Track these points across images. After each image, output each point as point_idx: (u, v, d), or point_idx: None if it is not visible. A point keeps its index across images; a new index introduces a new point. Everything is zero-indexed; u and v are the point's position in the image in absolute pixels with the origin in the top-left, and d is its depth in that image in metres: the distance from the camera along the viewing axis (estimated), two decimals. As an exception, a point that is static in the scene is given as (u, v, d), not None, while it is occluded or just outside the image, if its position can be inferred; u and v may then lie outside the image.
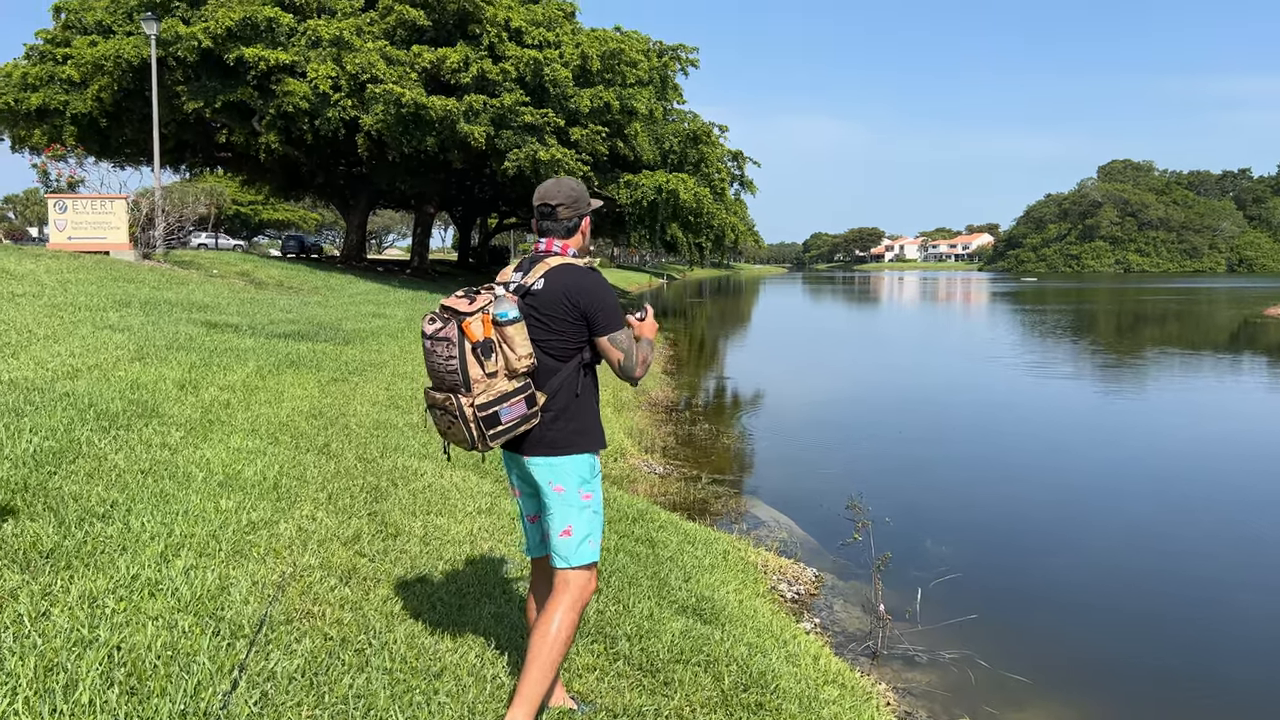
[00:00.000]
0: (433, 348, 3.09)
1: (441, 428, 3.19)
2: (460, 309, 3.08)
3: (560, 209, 3.27)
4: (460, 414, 3.06)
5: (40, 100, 27.31)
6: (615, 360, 3.20)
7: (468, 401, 3.05)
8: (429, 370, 3.15)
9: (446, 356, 3.05)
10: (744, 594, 6.01)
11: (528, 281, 3.23)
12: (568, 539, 3.20)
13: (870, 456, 12.77)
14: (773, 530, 8.85)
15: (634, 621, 4.60)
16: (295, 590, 4.07)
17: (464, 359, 3.04)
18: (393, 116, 25.72)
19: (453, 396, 3.07)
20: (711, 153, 33.12)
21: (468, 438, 3.08)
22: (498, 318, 3.08)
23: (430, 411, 3.22)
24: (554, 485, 3.20)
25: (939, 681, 5.89)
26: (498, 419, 3.07)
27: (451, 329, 3.05)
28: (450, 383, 3.08)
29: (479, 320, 3.06)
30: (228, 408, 7.74)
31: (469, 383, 3.05)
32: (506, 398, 3.08)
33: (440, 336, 3.07)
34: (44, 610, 3.38)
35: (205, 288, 18.25)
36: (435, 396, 3.15)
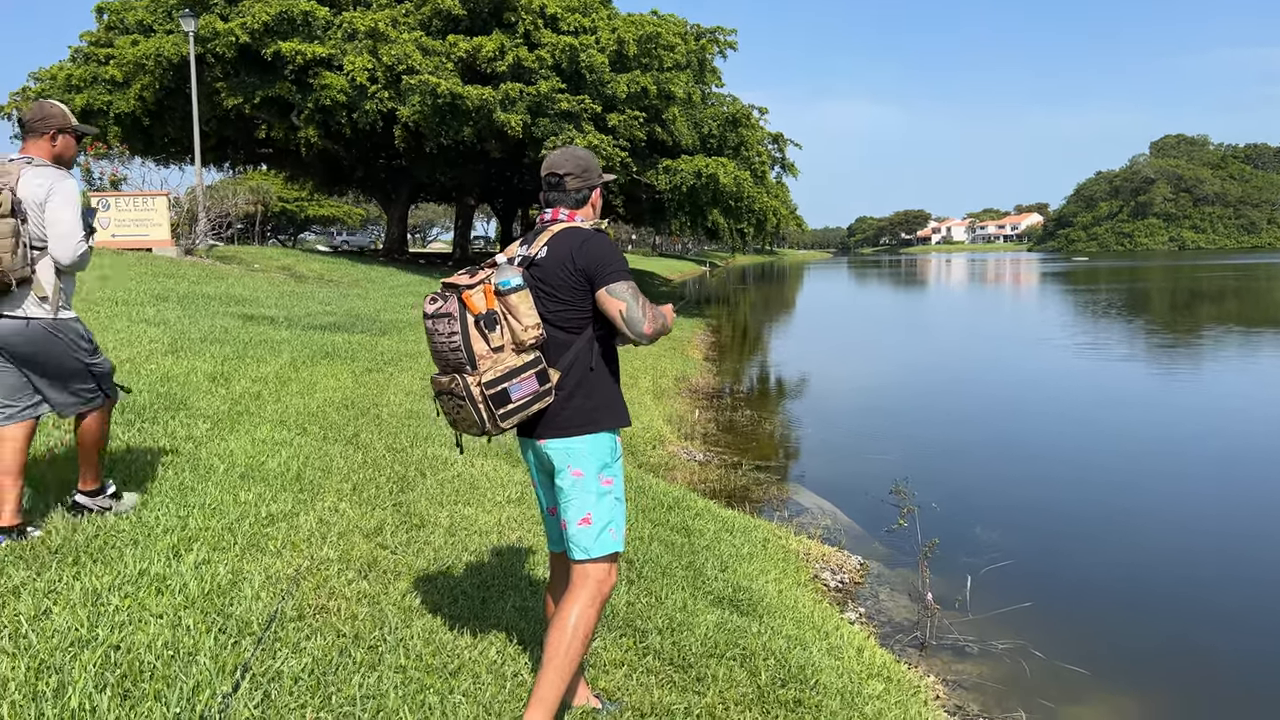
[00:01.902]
0: (434, 326, 2.90)
1: (451, 415, 2.97)
2: (461, 283, 2.91)
3: (568, 179, 3.08)
4: (467, 394, 2.84)
5: (85, 101, 27.66)
6: (617, 311, 2.92)
7: (474, 380, 2.84)
8: (433, 354, 2.95)
9: (449, 333, 2.86)
10: (784, 583, 5.76)
11: (532, 252, 3.03)
12: (586, 528, 2.96)
13: (918, 442, 12.42)
14: (816, 517, 8.58)
15: (666, 614, 4.38)
16: (310, 585, 3.91)
17: (467, 334, 2.85)
18: (429, 107, 25.65)
19: (458, 377, 2.87)
20: (751, 136, 32.62)
21: (477, 420, 2.86)
22: (499, 287, 2.89)
23: (438, 400, 3.00)
24: (572, 470, 2.97)
25: (991, 673, 5.60)
26: (507, 396, 2.85)
27: (452, 303, 2.87)
28: (455, 362, 2.87)
29: (480, 292, 2.87)
30: (258, 399, 7.65)
31: (474, 359, 2.85)
32: (515, 373, 2.86)
33: (441, 313, 2.88)
34: (45, 609, 3.24)
35: (245, 281, 18.32)
36: (441, 381, 2.94)
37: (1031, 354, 21.20)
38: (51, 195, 3.91)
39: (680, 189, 29.19)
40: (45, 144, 4.04)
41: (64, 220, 3.93)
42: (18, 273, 3.82)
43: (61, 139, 4.08)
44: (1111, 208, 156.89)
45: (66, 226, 3.93)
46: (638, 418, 11.47)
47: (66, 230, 3.94)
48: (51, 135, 4.05)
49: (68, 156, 4.13)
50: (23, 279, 3.86)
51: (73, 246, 3.96)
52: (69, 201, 3.95)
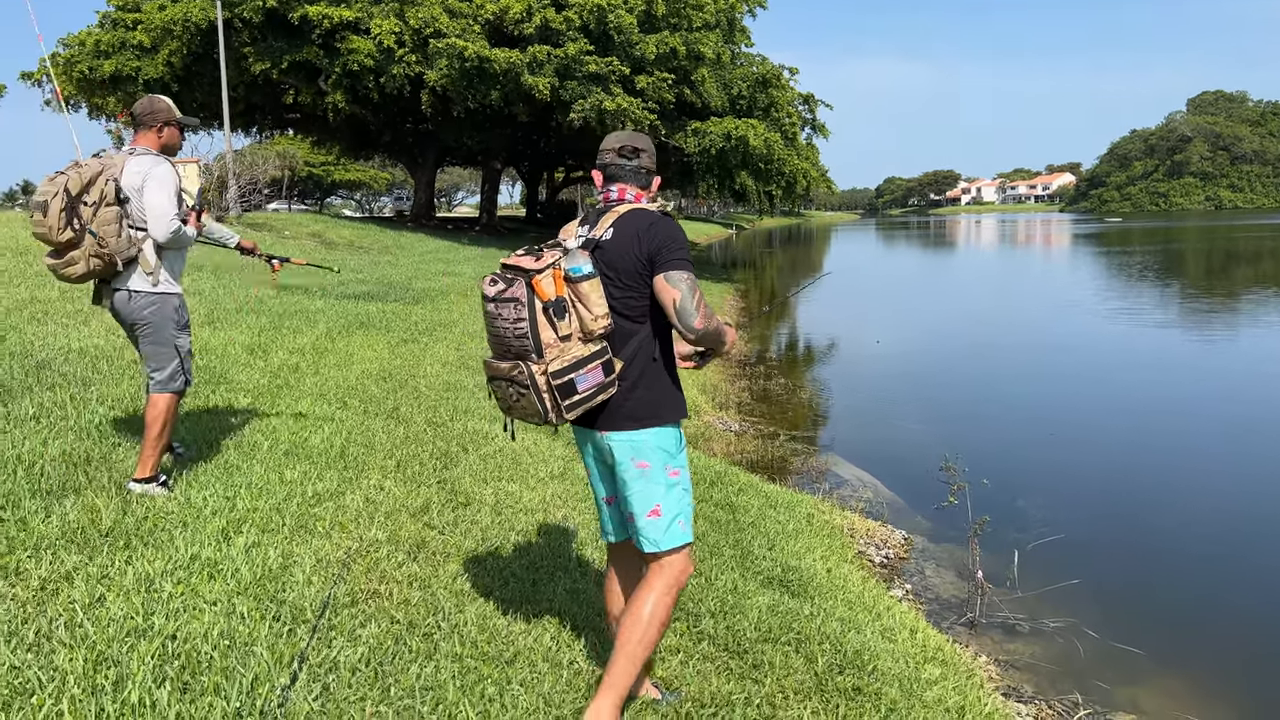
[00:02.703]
0: (497, 310, 2.77)
1: (506, 402, 2.85)
2: (527, 266, 2.76)
3: (644, 155, 3.00)
4: (531, 383, 2.73)
5: (113, 67, 27.63)
6: (671, 300, 2.76)
7: (539, 369, 2.73)
8: (492, 337, 2.84)
9: (514, 319, 2.73)
10: (831, 561, 5.67)
11: (596, 234, 2.88)
12: (656, 520, 2.87)
13: (953, 410, 12.27)
14: (856, 490, 8.48)
15: (717, 596, 4.31)
16: (361, 568, 3.86)
17: (534, 321, 2.72)
18: (456, 70, 25.43)
19: (521, 364, 2.74)
20: (781, 97, 32.13)
21: (539, 410, 2.75)
22: (570, 273, 2.75)
23: (493, 384, 2.88)
24: (637, 462, 2.86)
25: (1043, 653, 5.51)
26: (574, 388, 2.74)
27: (519, 288, 2.73)
28: (519, 349, 2.75)
29: (550, 277, 2.73)
30: (296, 372, 7.62)
31: (540, 348, 2.73)
32: (582, 363, 2.74)
33: (506, 297, 2.74)
34: (99, 596, 3.21)
35: (276, 249, 18.31)
36: (499, 366, 2.82)
37: (1064, 319, 20.87)
38: (147, 181, 4.30)
39: (709, 152, 28.88)
40: (153, 135, 4.46)
41: (157, 203, 4.30)
42: (123, 253, 4.27)
43: (167, 130, 4.49)
44: (1146, 167, 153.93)
45: (160, 209, 4.30)
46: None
47: (160, 212, 4.31)
48: (158, 128, 4.46)
49: (173, 146, 4.56)
50: (129, 258, 4.30)
51: (165, 225, 4.32)
52: (162, 185, 4.32)
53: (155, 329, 4.42)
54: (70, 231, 4.14)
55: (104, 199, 4.19)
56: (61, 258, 4.22)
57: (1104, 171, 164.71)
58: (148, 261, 4.35)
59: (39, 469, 4.29)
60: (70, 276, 4.26)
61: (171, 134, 4.51)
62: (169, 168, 4.39)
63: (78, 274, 4.24)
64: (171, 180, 4.37)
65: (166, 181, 4.33)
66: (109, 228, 4.19)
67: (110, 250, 4.20)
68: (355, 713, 2.75)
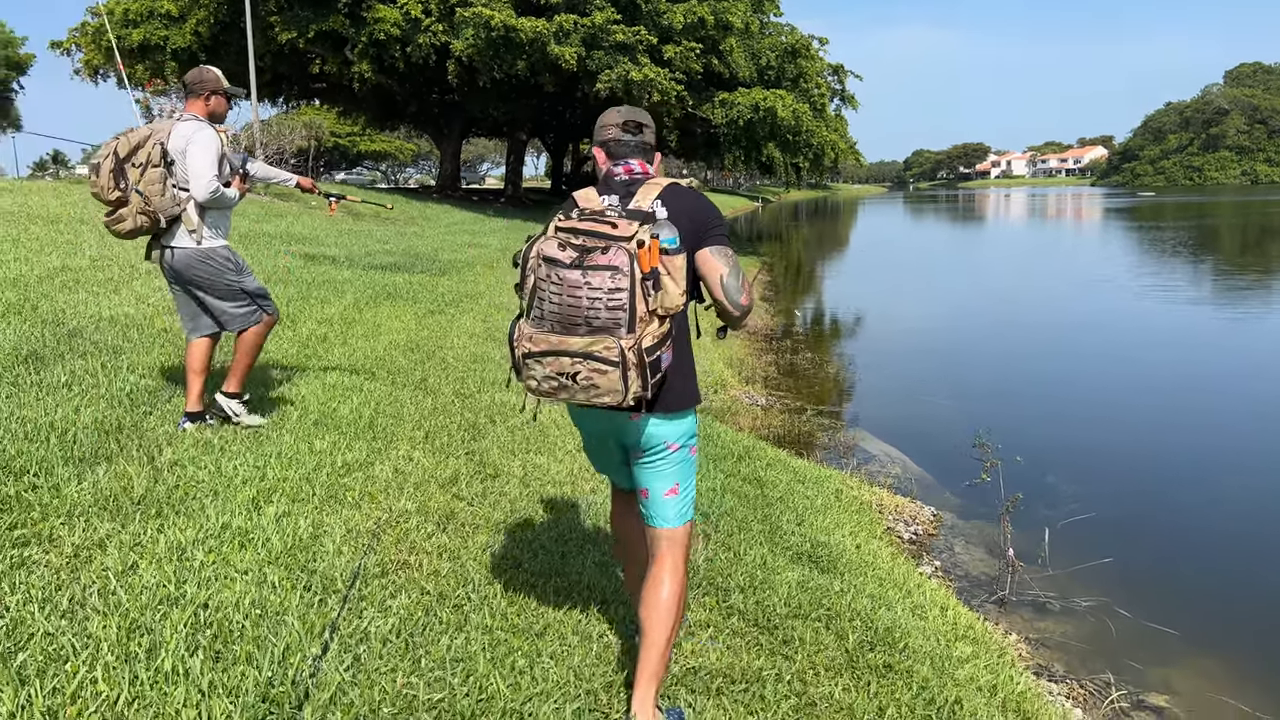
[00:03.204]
0: (585, 278, 2.47)
1: (555, 383, 2.55)
2: (616, 233, 2.50)
3: (647, 130, 2.90)
4: (622, 360, 2.47)
5: (141, 36, 27.70)
6: (718, 276, 2.68)
7: (630, 344, 2.47)
8: (563, 308, 2.51)
9: (611, 289, 2.46)
10: (860, 537, 5.63)
11: (640, 206, 2.67)
12: (674, 499, 2.83)
13: (981, 386, 12.15)
14: (885, 465, 8.41)
15: (746, 571, 4.28)
16: (390, 538, 3.86)
17: (634, 291, 2.47)
18: (483, 40, 25.29)
19: (607, 339, 2.48)
20: (810, 67, 31.76)
21: (619, 389, 2.49)
22: (667, 245, 2.55)
23: (543, 361, 2.55)
24: (670, 445, 2.80)
25: (1074, 632, 5.45)
26: (659, 365, 2.55)
27: (619, 255, 2.46)
28: (607, 321, 2.48)
29: (651, 248, 2.51)
30: (324, 342, 7.64)
31: (634, 322, 2.48)
32: (663, 341, 2.55)
33: (602, 264, 2.46)
34: (131, 563, 3.22)
35: (303, 220, 18.36)
36: (569, 342, 2.51)
37: (1094, 295, 20.57)
38: (190, 145, 4.64)
39: (737, 123, 28.63)
40: (201, 103, 4.79)
41: (199, 165, 4.63)
42: (167, 212, 4.64)
43: (214, 99, 4.82)
44: (1181, 140, 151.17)
45: (201, 170, 4.63)
46: (697, 361, 11.34)
47: (200, 173, 4.63)
48: (206, 96, 4.80)
49: (220, 113, 4.89)
50: (173, 216, 4.68)
51: (204, 186, 4.64)
52: (204, 149, 4.64)
53: (212, 282, 4.82)
54: (118, 191, 4.55)
55: (150, 161, 4.57)
56: (113, 215, 4.63)
57: (1137, 145, 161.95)
58: (190, 220, 4.70)
59: (71, 436, 4.31)
60: (120, 232, 4.65)
61: (218, 102, 4.83)
62: (212, 133, 4.71)
63: (126, 230, 4.63)
64: (214, 144, 4.68)
65: (209, 146, 4.65)
66: (154, 188, 4.57)
67: (154, 209, 4.59)
68: (386, 683, 2.74)
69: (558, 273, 2.51)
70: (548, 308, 2.54)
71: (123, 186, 4.55)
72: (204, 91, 4.77)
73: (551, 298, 2.52)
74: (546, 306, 2.54)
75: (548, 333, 2.55)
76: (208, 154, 4.64)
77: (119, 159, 4.56)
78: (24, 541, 3.26)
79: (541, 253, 2.55)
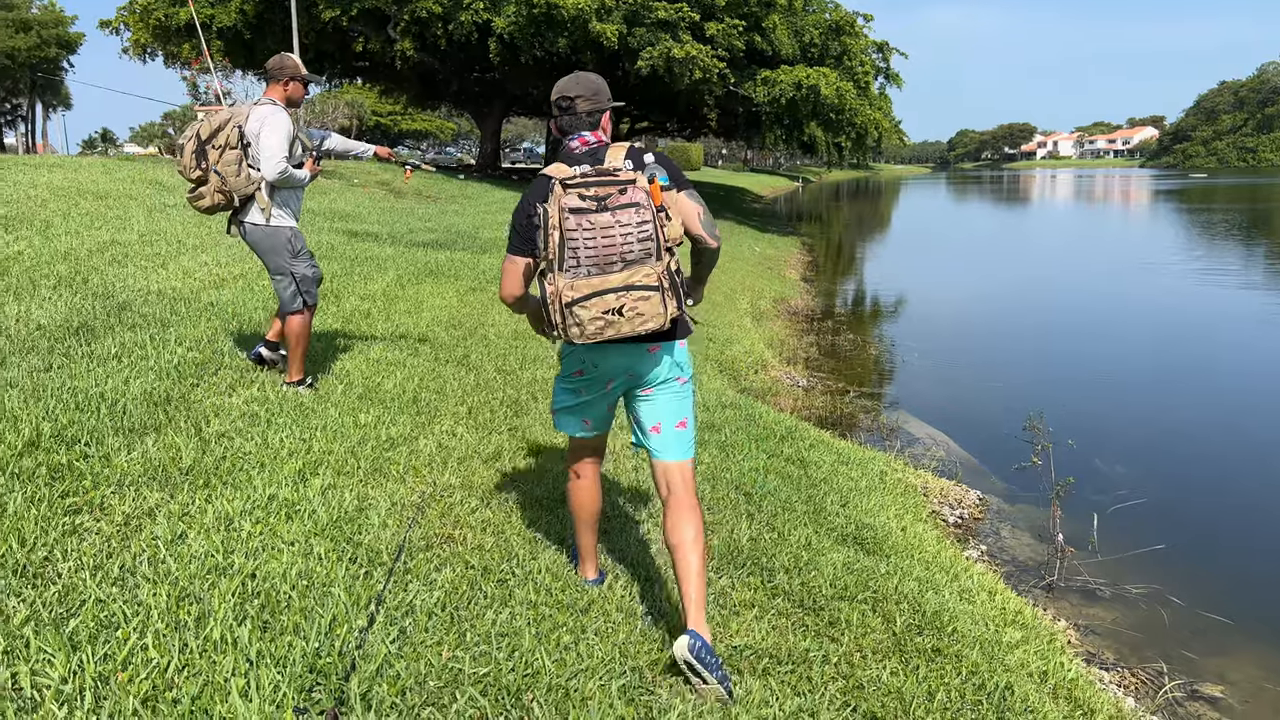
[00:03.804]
0: (615, 218, 2.69)
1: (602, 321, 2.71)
2: (625, 177, 2.75)
3: (579, 100, 3.02)
4: (659, 284, 2.73)
5: (188, 15, 27.91)
6: (696, 213, 2.95)
7: (661, 269, 2.74)
8: (599, 250, 2.70)
9: (640, 222, 2.71)
10: (905, 519, 5.55)
11: (611, 165, 2.86)
12: (684, 430, 3.12)
13: (1026, 367, 11.95)
14: (929, 448, 8.30)
15: (791, 551, 4.22)
16: (435, 512, 3.85)
17: (657, 221, 2.74)
18: (524, 18, 25.20)
19: (644, 267, 2.73)
20: (854, 44, 31.26)
21: (661, 311, 2.73)
22: (662, 182, 2.81)
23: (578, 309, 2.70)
24: (679, 378, 3.12)
25: (1125, 619, 5.34)
26: (680, 288, 2.83)
27: (637, 192, 2.72)
28: (640, 253, 2.72)
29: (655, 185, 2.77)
30: (368, 318, 7.67)
31: (660, 250, 2.74)
32: (679, 269, 2.85)
33: (627, 203, 2.70)
34: (180, 533, 3.24)
35: (347, 196, 18.47)
36: (609, 280, 2.70)
37: (1143, 278, 20.15)
38: (263, 127, 4.89)
39: (779, 101, 28.30)
40: (280, 88, 5.07)
41: (267, 146, 4.88)
42: (241, 191, 4.93)
43: (291, 84, 5.09)
44: (1235, 121, 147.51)
45: (270, 151, 4.87)
46: (738, 340, 11.25)
47: (268, 154, 4.88)
48: (284, 81, 5.07)
49: (297, 98, 5.15)
50: (246, 195, 4.96)
51: (272, 166, 4.88)
52: (274, 131, 4.88)
53: (270, 258, 5.11)
54: (199, 170, 4.89)
55: (228, 144, 4.88)
56: (194, 192, 4.97)
57: (1189, 125, 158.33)
58: (263, 198, 4.97)
59: (121, 407, 4.35)
60: (200, 208, 5.00)
61: (295, 88, 5.11)
62: (285, 117, 4.96)
63: (204, 206, 4.98)
64: (284, 127, 4.93)
65: (279, 128, 4.90)
66: (230, 168, 4.88)
67: (230, 188, 4.90)
68: (432, 656, 2.73)
69: (588, 219, 2.70)
70: (583, 254, 2.72)
71: (203, 166, 4.88)
72: (283, 77, 5.05)
73: (586, 243, 2.71)
74: (582, 253, 2.72)
75: (587, 278, 2.73)
76: (278, 136, 4.89)
77: (200, 140, 4.89)
78: (76, 509, 3.29)
79: (565, 207, 2.71)
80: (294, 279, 5.13)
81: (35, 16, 52.72)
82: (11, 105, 58.64)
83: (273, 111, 4.94)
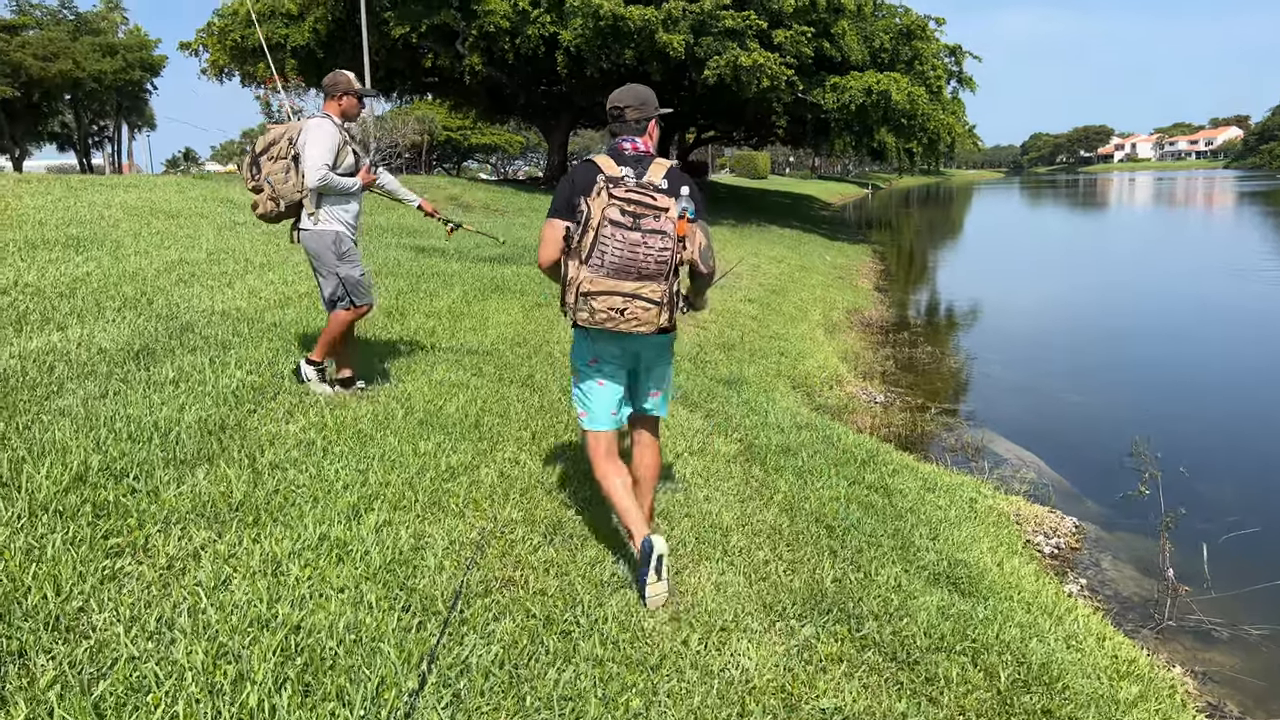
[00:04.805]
0: (643, 239, 3.27)
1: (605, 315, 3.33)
2: (662, 205, 3.29)
3: (628, 110, 3.53)
4: (665, 299, 3.34)
5: (264, 35, 28.46)
6: (699, 244, 3.44)
7: (666, 289, 3.34)
8: (623, 260, 3.27)
9: (661, 248, 3.29)
10: (1000, 553, 5.14)
11: (650, 180, 3.38)
12: (666, 394, 3.86)
13: (1117, 383, 11.33)
14: (1017, 469, 7.83)
15: (879, 595, 3.88)
16: (495, 551, 3.61)
17: (674, 251, 3.32)
18: (591, 30, 25.12)
19: (655, 284, 3.32)
20: (926, 49, 30.52)
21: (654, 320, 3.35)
22: (689, 215, 3.34)
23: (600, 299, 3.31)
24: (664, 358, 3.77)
25: (1247, 665, 4.86)
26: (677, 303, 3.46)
27: (668, 223, 3.28)
28: (652, 272, 3.31)
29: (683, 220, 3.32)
30: (432, 335, 7.50)
31: (670, 273, 3.33)
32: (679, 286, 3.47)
33: (658, 229, 3.28)
34: (224, 578, 3.04)
35: (414, 212, 18.48)
36: (622, 285, 3.30)
37: (1233, 284, 19.16)
38: (308, 138, 5.10)
39: (849, 108, 27.74)
40: (334, 104, 5.28)
41: (309, 156, 5.09)
42: (289, 198, 5.16)
43: (345, 99, 5.29)
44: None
45: (311, 160, 5.08)
46: (811, 355, 10.88)
47: (309, 164, 5.09)
48: (339, 97, 5.27)
49: (351, 113, 5.36)
50: (293, 202, 5.19)
51: (311, 174, 5.08)
52: (315, 142, 5.09)
53: (317, 258, 5.28)
54: (254, 181, 5.21)
55: (280, 155, 5.16)
56: (254, 202, 5.29)
57: (1276, 124, 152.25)
58: (309, 204, 5.19)
59: (174, 437, 4.19)
60: (258, 216, 5.27)
61: (350, 102, 5.31)
62: (331, 128, 5.15)
63: (260, 214, 5.26)
64: (328, 138, 5.11)
65: (322, 139, 5.09)
66: (277, 177, 5.14)
67: (278, 195, 5.15)
68: (488, 726, 2.47)
69: (621, 233, 3.27)
70: (609, 258, 3.29)
71: (257, 176, 5.20)
72: (337, 93, 5.26)
73: (614, 251, 3.28)
74: (608, 257, 3.29)
75: (605, 277, 3.31)
76: (319, 146, 5.08)
77: (255, 154, 5.23)
78: (117, 551, 3.11)
79: (607, 217, 3.27)
80: (340, 280, 5.28)
81: (121, 41, 54.44)
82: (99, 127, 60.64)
83: (319, 124, 5.15)
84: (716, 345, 10.02)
